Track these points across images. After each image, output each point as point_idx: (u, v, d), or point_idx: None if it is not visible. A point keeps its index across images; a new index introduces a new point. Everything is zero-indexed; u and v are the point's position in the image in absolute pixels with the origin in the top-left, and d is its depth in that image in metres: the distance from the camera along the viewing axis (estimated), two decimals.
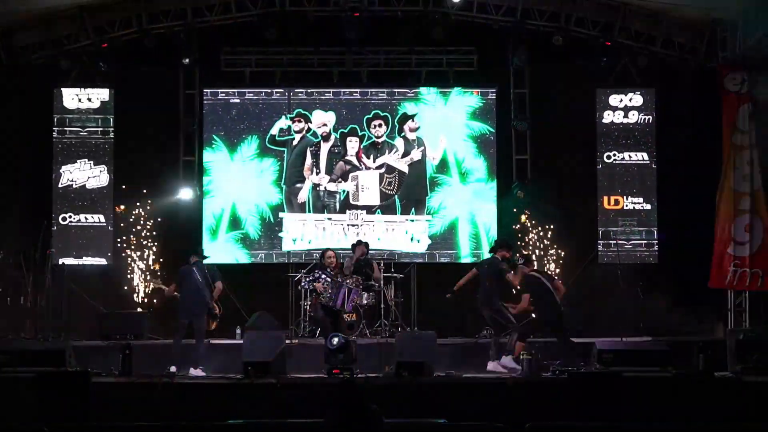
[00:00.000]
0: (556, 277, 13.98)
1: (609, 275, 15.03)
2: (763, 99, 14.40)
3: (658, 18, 15.57)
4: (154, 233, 15.92)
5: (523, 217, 16.05)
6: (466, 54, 16.45)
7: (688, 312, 14.84)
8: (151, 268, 15.76)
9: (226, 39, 16.37)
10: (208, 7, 15.96)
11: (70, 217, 15.86)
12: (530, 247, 15.81)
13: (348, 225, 16.27)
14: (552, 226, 15.87)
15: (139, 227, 15.87)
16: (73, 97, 16.07)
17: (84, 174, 16.00)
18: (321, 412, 7.51)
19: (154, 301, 15.27)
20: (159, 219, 15.97)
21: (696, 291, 14.92)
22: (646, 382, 10.90)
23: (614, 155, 16.11)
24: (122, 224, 15.89)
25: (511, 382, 11.40)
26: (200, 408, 10.72)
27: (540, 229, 15.92)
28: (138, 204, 15.90)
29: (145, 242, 15.88)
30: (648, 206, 16.06)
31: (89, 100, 16.08)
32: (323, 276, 12.81)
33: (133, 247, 15.84)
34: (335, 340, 12.12)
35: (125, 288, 15.74)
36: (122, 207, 15.86)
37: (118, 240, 15.86)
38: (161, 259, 15.89)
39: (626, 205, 16.06)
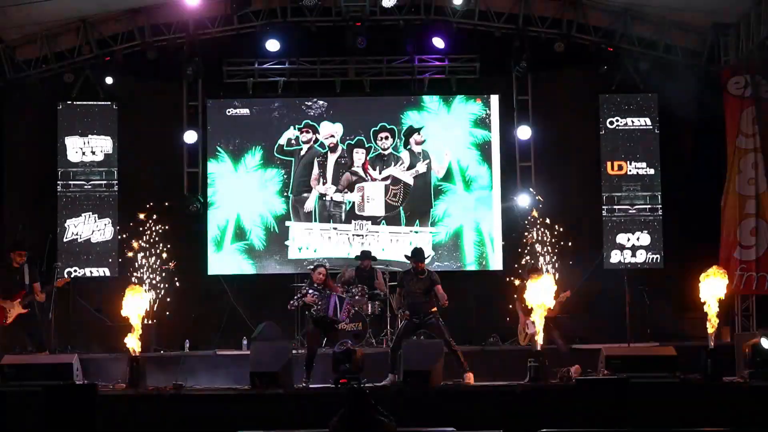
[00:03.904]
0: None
1: (615, 280, 14.97)
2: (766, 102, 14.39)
3: (660, 23, 15.58)
4: (157, 240, 15.80)
5: (528, 223, 15.99)
6: (468, 62, 16.48)
7: (695, 317, 14.76)
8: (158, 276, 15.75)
9: (228, 50, 16.41)
10: (210, 19, 16.01)
11: (75, 271, 15.84)
12: (537, 253, 15.75)
13: (353, 235, 16.27)
14: (557, 232, 15.81)
15: (143, 241, 15.78)
16: (77, 150, 16.08)
17: (89, 228, 16.02)
18: (328, 422, 7.50)
19: None
20: (165, 227, 15.84)
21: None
22: (654, 387, 10.86)
23: (617, 121, 16.22)
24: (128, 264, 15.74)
25: (520, 388, 11.38)
26: (208, 419, 10.70)
27: (545, 234, 15.86)
28: (143, 217, 15.80)
29: (151, 255, 15.82)
30: (651, 171, 16.14)
31: (93, 152, 16.10)
32: (310, 291, 12.70)
33: (139, 262, 15.76)
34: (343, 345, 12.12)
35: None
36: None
37: (124, 249, 15.77)
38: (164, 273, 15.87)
39: (630, 170, 16.16)
